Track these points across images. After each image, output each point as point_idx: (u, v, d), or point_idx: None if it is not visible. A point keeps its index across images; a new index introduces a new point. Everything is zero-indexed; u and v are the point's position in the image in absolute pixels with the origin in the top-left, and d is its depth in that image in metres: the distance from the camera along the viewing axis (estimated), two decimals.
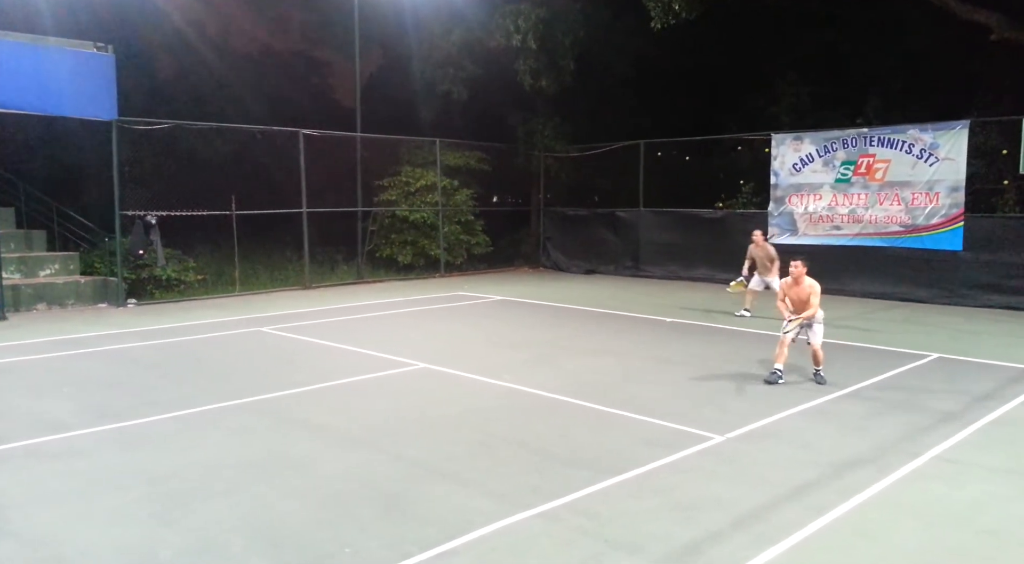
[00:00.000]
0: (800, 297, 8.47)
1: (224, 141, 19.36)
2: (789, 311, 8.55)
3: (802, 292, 8.45)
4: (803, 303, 8.42)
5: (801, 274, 8.47)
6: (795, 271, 8.51)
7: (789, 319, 8.45)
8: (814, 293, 8.36)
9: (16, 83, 12.88)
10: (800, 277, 8.48)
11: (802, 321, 8.37)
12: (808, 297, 8.37)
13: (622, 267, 19.95)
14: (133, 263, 14.99)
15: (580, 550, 4.47)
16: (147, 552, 4.42)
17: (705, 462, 5.94)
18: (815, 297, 8.35)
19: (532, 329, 12.28)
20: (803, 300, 8.42)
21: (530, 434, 6.67)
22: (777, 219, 16.90)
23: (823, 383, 8.32)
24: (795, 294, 8.54)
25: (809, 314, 8.35)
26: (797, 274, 8.49)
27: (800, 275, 8.48)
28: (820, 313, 8.46)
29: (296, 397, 7.94)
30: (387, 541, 4.56)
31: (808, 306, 8.36)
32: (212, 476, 5.65)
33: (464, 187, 20.64)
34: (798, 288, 8.50)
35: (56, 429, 6.72)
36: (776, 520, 4.87)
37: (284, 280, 17.87)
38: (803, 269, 8.49)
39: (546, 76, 19.92)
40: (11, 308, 13.34)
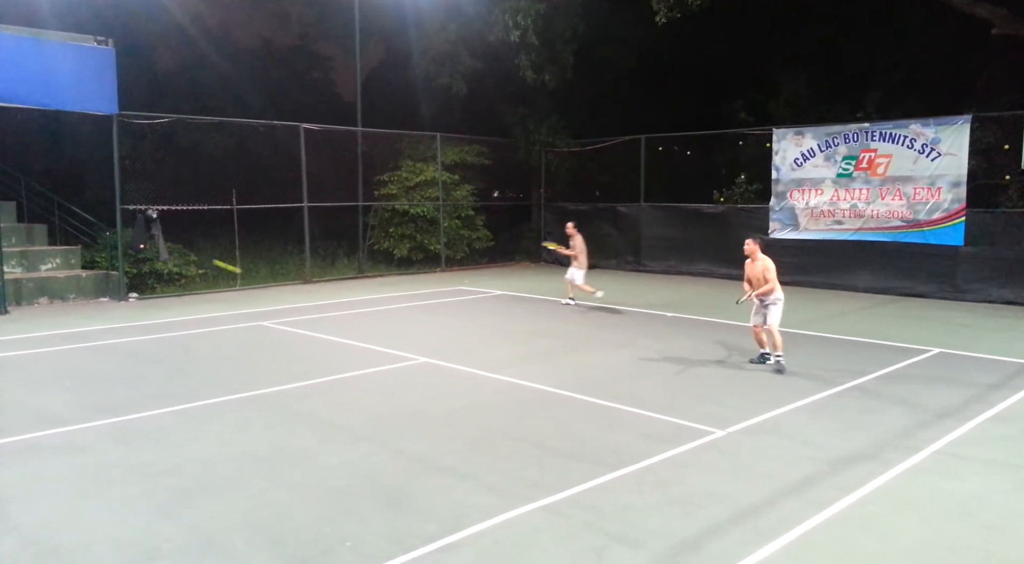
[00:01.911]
0: (755, 274, 8.64)
1: (225, 135, 19.34)
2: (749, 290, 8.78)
3: (756, 269, 8.62)
4: (760, 280, 8.58)
5: (754, 251, 8.68)
6: (747, 248, 8.74)
7: (744, 298, 8.76)
8: (767, 269, 8.51)
9: (16, 77, 12.87)
10: (753, 254, 8.68)
11: (758, 295, 8.56)
12: (763, 273, 8.52)
13: (623, 262, 19.96)
14: (134, 257, 15.00)
15: (581, 544, 4.47)
16: (148, 546, 4.43)
17: (705, 457, 5.94)
18: (770, 273, 8.49)
19: (533, 324, 12.28)
20: (759, 277, 8.59)
21: (531, 428, 6.67)
22: (778, 214, 16.88)
23: (783, 371, 8.47)
24: (750, 272, 8.73)
25: (766, 289, 8.50)
26: (749, 250, 8.71)
27: (753, 252, 8.68)
28: (779, 293, 8.60)
29: (297, 391, 7.94)
30: (389, 535, 4.57)
31: (764, 282, 8.51)
32: (213, 470, 5.65)
33: (465, 182, 20.62)
34: (752, 265, 8.69)
35: (57, 423, 6.73)
36: (776, 515, 4.87)
37: (285, 274, 17.88)
38: (755, 246, 8.70)
39: (547, 70, 19.87)
40: (13, 302, 13.36)
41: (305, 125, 17.12)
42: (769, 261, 8.61)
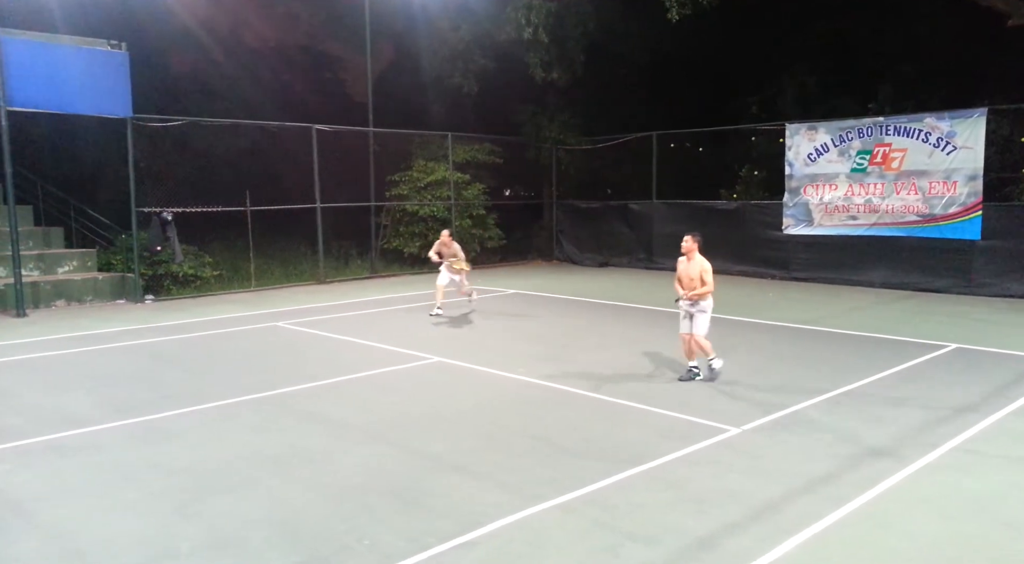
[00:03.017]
0: (690, 275, 7.93)
1: (238, 137, 19.45)
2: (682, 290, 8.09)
3: (692, 269, 7.91)
4: (693, 281, 7.89)
5: (690, 250, 7.94)
6: (684, 246, 7.96)
7: (678, 297, 8.03)
8: (705, 271, 7.82)
9: (32, 82, 13.01)
10: (690, 253, 7.94)
11: (690, 299, 7.86)
12: (699, 275, 7.84)
13: (635, 259, 19.91)
14: (150, 259, 15.12)
15: (596, 542, 4.48)
16: (167, 544, 4.48)
17: (720, 454, 5.92)
18: (707, 275, 7.81)
19: (546, 322, 12.28)
20: (693, 278, 7.89)
21: (545, 427, 6.68)
22: (792, 210, 16.78)
23: (694, 378, 7.95)
24: (685, 271, 8.00)
25: (701, 292, 7.82)
26: (687, 249, 7.94)
27: (689, 251, 7.94)
28: (709, 301, 7.96)
29: (312, 391, 7.99)
30: (404, 533, 4.59)
31: (701, 283, 7.83)
32: (230, 469, 5.70)
33: (476, 181, 20.63)
34: (688, 265, 7.97)
35: (76, 424, 6.81)
36: (793, 512, 4.85)
37: (299, 275, 17.97)
38: (693, 244, 7.94)
39: (557, 68, 19.84)
40: (31, 305, 13.51)
41: (317, 126, 17.19)
42: (707, 262, 7.90)
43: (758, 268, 17.36)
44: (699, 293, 7.84)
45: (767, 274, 17.16)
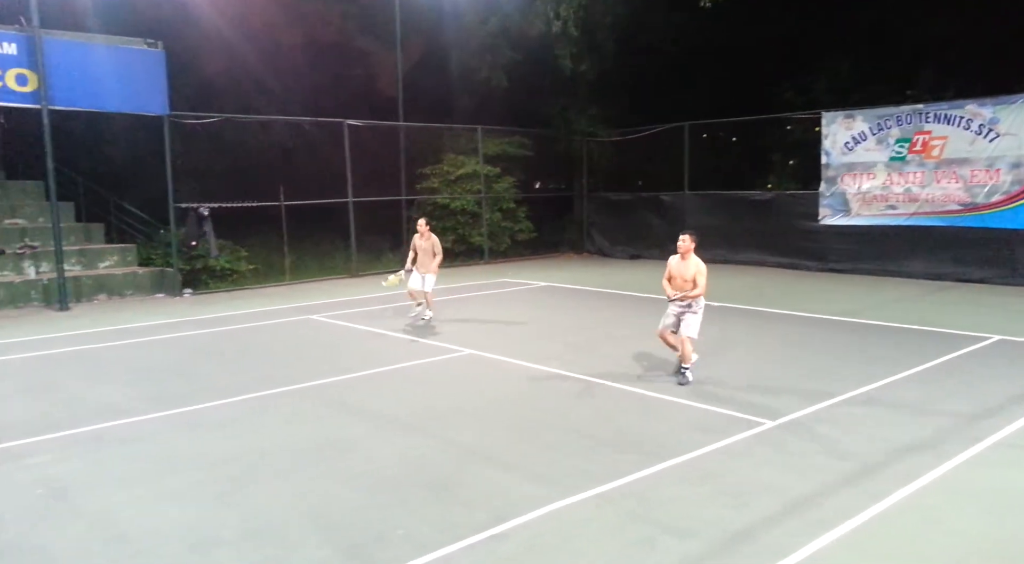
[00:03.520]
0: (684, 275, 7.69)
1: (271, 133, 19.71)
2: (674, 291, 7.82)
3: (687, 269, 7.68)
4: (687, 282, 7.67)
5: (688, 250, 7.68)
6: (682, 245, 7.69)
7: (670, 298, 7.74)
8: (700, 273, 7.60)
9: (72, 81, 13.33)
10: (687, 253, 7.68)
11: (681, 300, 7.61)
12: (694, 276, 7.62)
13: (667, 252, 19.23)
14: (188, 254, 15.42)
15: (631, 534, 4.46)
16: (209, 532, 4.57)
17: (756, 448, 5.86)
18: (701, 277, 7.59)
19: (577, 315, 12.25)
20: (687, 278, 7.67)
21: (577, 419, 6.67)
22: (829, 199, 16.48)
23: (686, 383, 7.56)
24: (678, 271, 7.76)
25: (694, 294, 7.58)
26: (684, 249, 7.68)
27: (687, 251, 7.68)
28: (702, 301, 7.73)
29: (346, 383, 8.08)
30: (438, 524, 4.62)
31: (693, 285, 7.59)
32: (268, 460, 5.80)
33: (506, 174, 20.62)
34: (684, 264, 7.73)
35: (118, 415, 6.98)
36: (831, 506, 4.78)
37: (333, 268, 18.17)
38: (691, 243, 7.67)
39: (586, 60, 19.70)
40: (73, 299, 13.87)
41: (348, 121, 17.33)
42: (703, 264, 7.68)
43: (793, 259, 17.10)
44: (691, 296, 7.58)
45: (802, 266, 16.89)
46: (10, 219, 15.38)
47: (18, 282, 13.85)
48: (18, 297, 13.66)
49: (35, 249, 14.56)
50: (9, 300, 13.53)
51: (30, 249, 14.53)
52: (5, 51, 12.69)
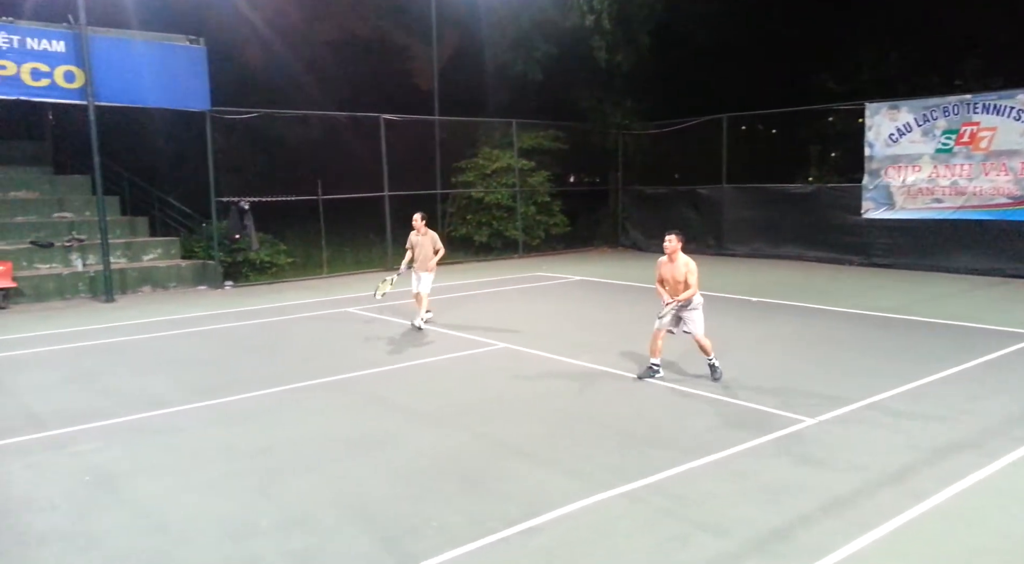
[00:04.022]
0: (675, 276, 7.44)
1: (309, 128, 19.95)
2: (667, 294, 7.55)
3: (677, 270, 7.42)
4: (679, 284, 7.42)
5: (675, 250, 7.42)
6: (668, 246, 7.45)
7: (666, 303, 7.47)
8: (691, 272, 7.35)
9: (116, 77, 13.64)
10: (674, 253, 7.43)
11: (678, 304, 7.38)
12: (684, 277, 7.36)
13: (704, 246, 19.46)
14: (229, 247, 15.71)
15: (664, 531, 4.42)
16: (247, 521, 4.66)
17: (794, 445, 5.75)
18: (692, 276, 7.34)
19: (612, 309, 12.18)
20: (679, 280, 7.41)
21: (611, 414, 6.64)
22: (872, 193, 16.09)
23: (719, 378, 7.44)
24: (669, 273, 7.51)
25: (687, 296, 7.34)
26: (671, 250, 7.43)
27: (674, 251, 7.42)
28: (698, 298, 7.48)
29: (381, 376, 8.16)
30: (471, 517, 4.64)
31: (685, 287, 7.37)
32: (303, 451, 5.89)
33: (541, 168, 20.56)
34: (672, 266, 7.46)
35: (160, 405, 7.15)
36: (871, 505, 4.68)
37: (369, 262, 18.34)
38: (678, 243, 7.42)
39: (621, 52, 19.52)
40: (119, 291, 14.24)
41: (385, 116, 17.44)
42: (692, 262, 7.40)
43: (834, 254, 16.75)
44: (685, 297, 7.36)
45: (844, 260, 16.54)
46: (58, 212, 15.84)
47: (66, 274, 14.27)
48: (66, 289, 14.08)
49: (82, 242, 14.98)
50: (57, 291, 13.95)
51: (77, 242, 14.95)
52: (54, 49, 13.05)
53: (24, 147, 17.51)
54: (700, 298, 7.53)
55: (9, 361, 9.14)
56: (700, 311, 7.51)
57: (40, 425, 6.58)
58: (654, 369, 7.71)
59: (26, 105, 14.73)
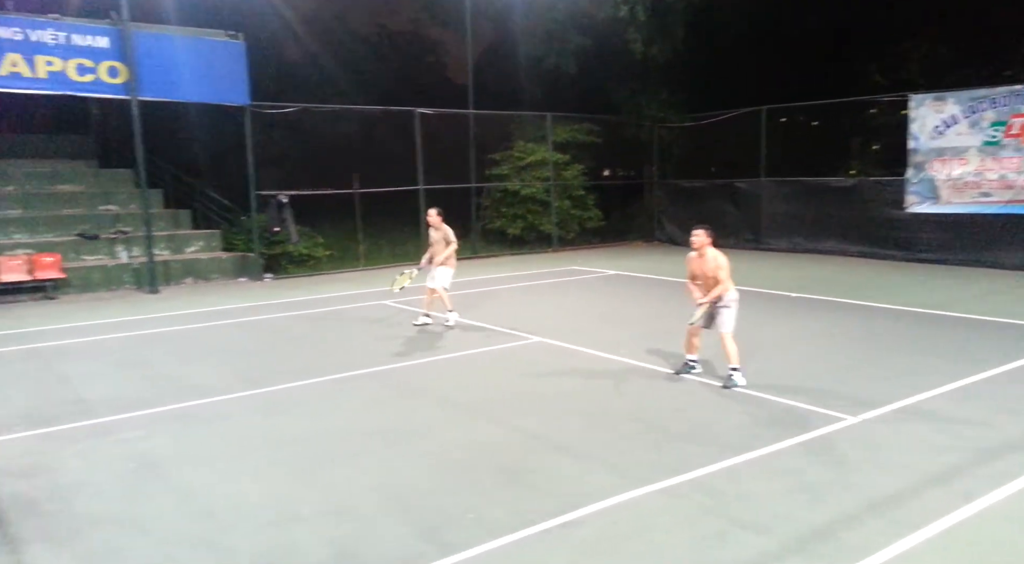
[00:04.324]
0: (705, 272, 7.22)
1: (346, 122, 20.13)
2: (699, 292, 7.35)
3: (707, 266, 7.19)
4: (710, 279, 7.19)
5: (704, 245, 7.20)
6: (695, 240, 7.23)
7: (698, 302, 7.26)
8: (720, 267, 7.10)
9: (158, 72, 13.92)
10: (702, 248, 7.21)
11: (711, 302, 7.15)
12: (714, 271, 7.13)
13: (742, 240, 19.22)
14: (268, 240, 15.97)
15: (703, 528, 4.39)
16: (290, 509, 4.74)
17: (837, 443, 5.66)
18: (722, 271, 7.09)
19: (648, 304, 12.10)
20: (709, 276, 7.19)
21: (648, 410, 6.60)
22: (916, 186, 15.71)
23: (732, 386, 7.04)
24: (699, 268, 7.29)
25: (718, 292, 7.12)
26: (698, 244, 7.21)
27: (702, 246, 7.21)
28: (733, 293, 7.22)
29: (418, 368, 8.23)
30: (509, 509, 4.66)
31: (716, 283, 7.14)
32: (344, 440, 5.97)
33: (575, 161, 20.47)
34: (702, 261, 7.23)
35: (204, 394, 7.30)
36: (917, 506, 4.58)
37: (404, 255, 18.46)
38: (706, 238, 7.21)
39: (656, 43, 19.30)
40: (163, 282, 14.56)
41: (420, 110, 17.52)
42: (722, 257, 7.16)
43: (877, 249, 16.40)
44: (715, 294, 7.15)
45: (887, 255, 16.18)
46: (104, 205, 16.25)
47: (111, 265, 14.64)
48: (112, 280, 14.44)
49: (127, 234, 15.35)
50: (104, 282, 14.32)
51: (122, 234, 15.33)
52: (98, 45, 13.36)
53: (71, 141, 17.96)
54: (735, 294, 7.27)
55: (58, 350, 9.41)
56: (733, 309, 7.23)
57: (89, 412, 6.78)
58: (690, 365, 7.62)
59: (72, 100, 15.11)
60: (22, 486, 5.15)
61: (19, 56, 12.68)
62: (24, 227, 14.90)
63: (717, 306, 7.24)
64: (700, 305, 7.24)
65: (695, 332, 7.49)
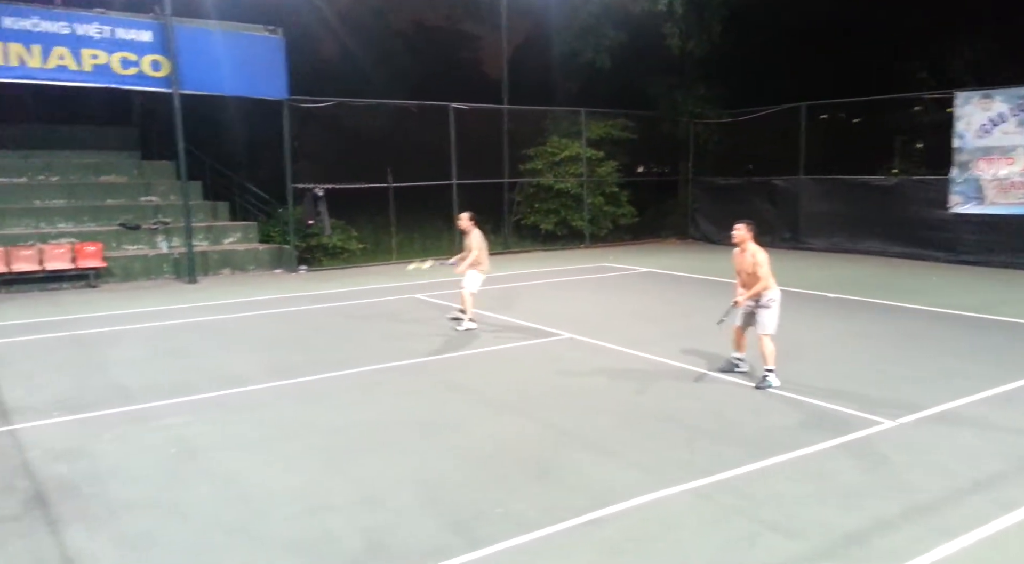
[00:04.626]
0: (744, 268, 7.05)
1: (381, 116, 20.25)
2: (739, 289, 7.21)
3: (745, 261, 7.01)
4: (750, 276, 7.02)
5: (743, 239, 7.03)
6: (735, 235, 7.06)
7: (735, 299, 7.11)
8: (758, 264, 6.88)
9: (199, 66, 14.16)
10: (742, 243, 7.04)
11: (750, 299, 6.99)
12: (753, 267, 6.94)
13: (779, 239, 18.91)
14: (303, 232, 16.18)
15: (733, 529, 4.34)
16: (322, 497, 4.81)
17: (873, 448, 5.55)
18: (760, 268, 6.88)
19: (680, 302, 12.00)
20: (748, 272, 7.02)
21: (679, 409, 6.54)
22: (961, 186, 15.30)
23: (765, 387, 6.89)
24: (739, 265, 7.13)
25: (759, 288, 6.93)
26: (738, 239, 7.04)
27: (742, 240, 7.03)
28: (775, 291, 7.00)
29: (449, 361, 8.27)
30: (537, 505, 4.66)
31: (756, 279, 6.96)
32: (376, 432, 6.03)
33: (609, 157, 20.34)
34: (742, 257, 7.06)
35: (241, 382, 7.43)
36: (955, 513, 4.48)
37: (437, 249, 18.54)
38: (747, 233, 7.03)
39: (694, 38, 19.06)
40: (201, 272, 14.84)
41: (454, 104, 17.56)
42: (761, 253, 6.97)
43: (918, 249, 16.03)
44: (753, 292, 6.98)
45: (929, 256, 15.81)
46: (145, 196, 16.61)
47: (152, 255, 14.97)
48: (152, 269, 14.77)
49: (167, 225, 15.68)
50: (144, 272, 14.65)
51: (163, 225, 15.66)
52: (141, 38, 13.64)
53: (115, 133, 18.37)
54: (775, 294, 7.06)
55: (100, 337, 9.66)
56: (773, 310, 7.02)
57: (128, 398, 6.95)
58: (734, 363, 7.52)
59: (117, 93, 15.42)
60: (63, 469, 5.30)
61: (66, 49, 13.00)
62: (68, 216, 15.31)
63: (756, 305, 7.09)
64: (734, 303, 7.13)
65: (737, 331, 7.40)
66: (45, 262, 13.57)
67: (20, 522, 4.50)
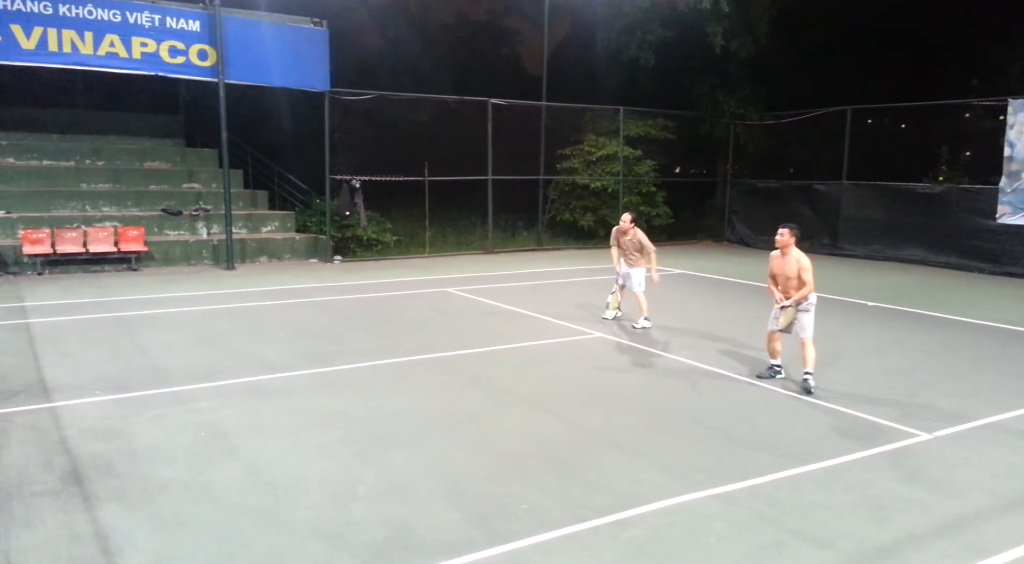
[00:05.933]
0: (786, 273, 7.00)
1: (419, 111, 20.36)
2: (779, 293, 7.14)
3: (788, 266, 6.97)
4: (790, 280, 6.98)
5: (787, 244, 6.99)
6: (780, 239, 7.02)
7: (780, 304, 7.04)
8: (804, 269, 6.88)
9: (244, 57, 14.38)
10: (786, 247, 6.99)
11: (794, 305, 6.94)
12: (797, 273, 6.90)
13: (818, 244, 18.54)
14: (339, 223, 16.35)
15: (759, 537, 4.28)
16: (347, 486, 4.85)
17: (907, 460, 5.42)
18: (806, 273, 6.87)
19: (714, 305, 11.85)
20: (790, 276, 6.97)
21: (709, 413, 6.47)
22: (1010, 196, 14.85)
23: (811, 392, 6.87)
24: (780, 268, 7.08)
25: (803, 294, 6.90)
26: (782, 243, 7.00)
27: (786, 245, 6.99)
28: (813, 297, 7.01)
29: (478, 356, 8.28)
30: (562, 503, 4.65)
31: (800, 285, 6.91)
32: (402, 424, 6.07)
33: (647, 157, 20.15)
34: (783, 261, 7.03)
35: (272, 369, 7.54)
36: (990, 530, 4.35)
37: (469, 244, 18.62)
38: (791, 238, 7.00)
39: (739, 38, 18.76)
40: (239, 259, 15.10)
41: (492, 100, 17.57)
42: (805, 258, 6.97)
43: (963, 260, 15.61)
44: (800, 296, 6.94)
45: (973, 267, 15.39)
46: (188, 183, 16.93)
47: (192, 241, 15.26)
48: (191, 255, 15.06)
49: (208, 212, 15.96)
50: (184, 257, 14.95)
51: (203, 211, 15.95)
52: (190, 28, 13.90)
53: (161, 120, 18.77)
54: (814, 298, 7.07)
55: (140, 319, 9.88)
56: (812, 314, 7.06)
57: (165, 380, 7.09)
58: (775, 370, 7.42)
59: (164, 81, 15.74)
60: (100, 447, 5.43)
61: (116, 37, 13.30)
62: (113, 201, 15.69)
63: (798, 310, 7.03)
64: (784, 308, 7.03)
65: (775, 337, 7.31)
66: (89, 244, 13.92)
67: (57, 498, 4.62)
